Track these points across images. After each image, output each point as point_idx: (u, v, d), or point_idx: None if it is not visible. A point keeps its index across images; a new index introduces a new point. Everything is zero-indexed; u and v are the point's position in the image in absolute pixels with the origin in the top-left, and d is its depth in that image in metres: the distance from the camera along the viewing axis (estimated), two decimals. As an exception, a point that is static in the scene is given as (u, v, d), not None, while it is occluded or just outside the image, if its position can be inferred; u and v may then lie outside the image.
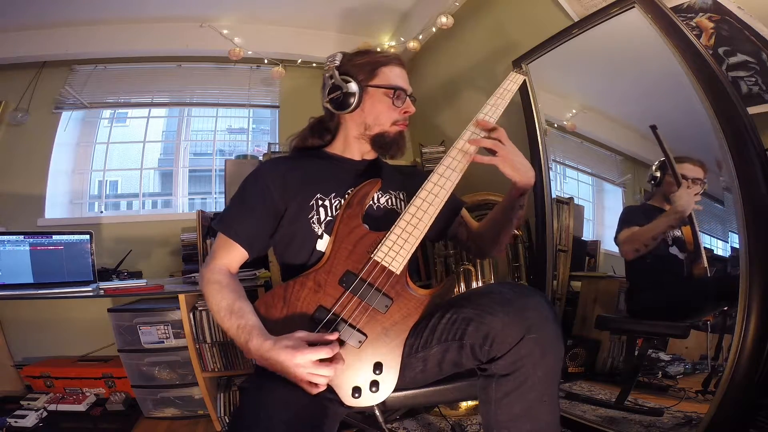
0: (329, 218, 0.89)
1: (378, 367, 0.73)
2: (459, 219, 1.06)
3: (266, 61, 2.62)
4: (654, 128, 1.21)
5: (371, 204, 0.94)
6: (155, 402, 1.72)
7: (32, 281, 1.70)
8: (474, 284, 1.70)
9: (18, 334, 2.08)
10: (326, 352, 0.68)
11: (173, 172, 2.78)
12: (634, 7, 1.22)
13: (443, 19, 2.08)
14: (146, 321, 1.68)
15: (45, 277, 1.73)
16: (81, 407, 1.71)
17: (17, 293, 1.59)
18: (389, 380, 0.73)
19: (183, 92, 2.70)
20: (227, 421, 1.62)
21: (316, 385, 0.69)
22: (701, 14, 1.16)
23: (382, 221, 0.86)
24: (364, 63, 0.95)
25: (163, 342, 1.68)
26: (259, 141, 2.93)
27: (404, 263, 0.78)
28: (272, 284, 1.75)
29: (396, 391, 0.75)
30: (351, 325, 0.75)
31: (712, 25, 1.14)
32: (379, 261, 0.78)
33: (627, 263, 1.33)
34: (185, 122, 2.80)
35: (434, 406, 1.55)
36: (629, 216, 1.35)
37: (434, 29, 2.23)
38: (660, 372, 1.21)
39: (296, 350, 0.68)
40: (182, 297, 1.56)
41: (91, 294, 1.62)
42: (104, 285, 1.70)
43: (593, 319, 1.40)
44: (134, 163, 2.72)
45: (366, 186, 0.88)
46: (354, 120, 0.97)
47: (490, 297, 0.73)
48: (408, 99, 0.97)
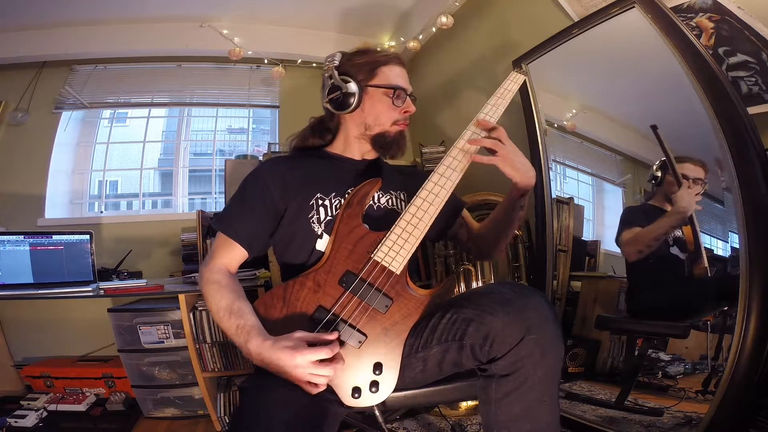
0: (329, 218, 0.89)
1: (378, 368, 0.73)
2: (460, 220, 1.06)
3: (266, 61, 2.62)
4: (655, 128, 1.21)
5: (371, 204, 0.94)
6: (155, 402, 1.72)
7: (32, 281, 1.70)
8: (474, 284, 1.70)
9: (18, 334, 2.08)
10: (326, 353, 0.68)
11: (173, 172, 2.77)
12: (634, 7, 1.22)
13: (443, 19, 2.08)
14: (146, 321, 1.68)
15: (45, 277, 1.72)
16: (81, 407, 1.71)
17: (17, 293, 1.59)
18: (389, 380, 0.73)
19: (183, 92, 2.70)
20: (227, 421, 1.62)
21: (316, 385, 0.68)
22: (701, 14, 1.16)
23: (383, 221, 0.85)
24: (364, 63, 0.95)
25: (163, 342, 1.68)
26: (259, 141, 2.93)
27: (404, 263, 0.78)
28: (272, 284, 1.74)
29: (396, 391, 0.75)
30: (351, 326, 0.75)
31: (712, 25, 1.14)
32: (379, 261, 0.78)
33: (628, 263, 1.32)
34: (185, 122, 2.80)
35: (434, 406, 1.55)
36: (630, 217, 1.34)
37: (434, 29, 2.23)
38: (660, 372, 1.21)
39: (295, 351, 0.68)
40: (182, 297, 1.56)
41: (91, 294, 1.62)
42: (104, 285, 1.70)
43: (593, 319, 1.40)
44: (134, 163, 2.72)
45: (366, 185, 0.87)
46: (354, 120, 0.97)
47: (491, 297, 0.73)
48: (408, 98, 0.96)
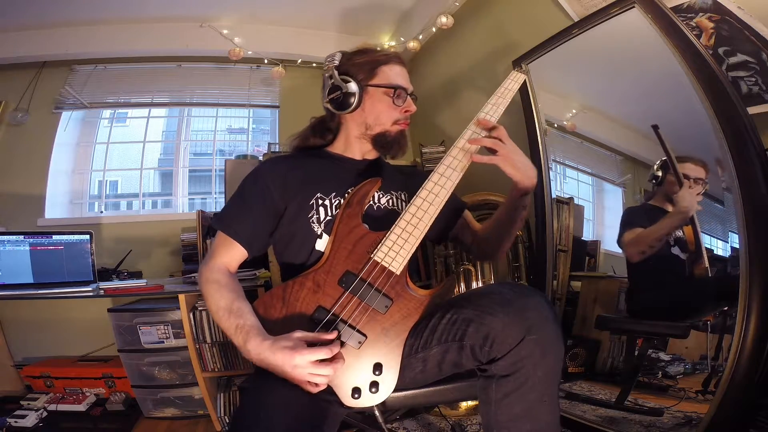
0: (329, 218, 0.89)
1: (378, 368, 0.73)
2: (462, 221, 1.05)
3: (266, 61, 2.62)
4: (656, 128, 1.21)
5: (371, 204, 0.94)
6: (155, 402, 1.72)
7: (32, 281, 1.70)
8: (474, 284, 1.70)
9: (18, 334, 2.08)
10: (325, 353, 0.68)
11: (173, 172, 2.77)
12: (634, 7, 1.22)
13: (443, 19, 2.08)
14: (146, 321, 1.68)
15: (45, 277, 1.72)
16: (81, 407, 1.71)
17: (17, 293, 1.59)
18: (389, 381, 0.73)
19: (183, 92, 2.70)
20: (227, 421, 1.62)
21: (316, 385, 0.68)
22: (701, 14, 1.16)
23: (383, 221, 0.85)
24: (364, 62, 0.94)
25: (163, 342, 1.68)
26: (259, 141, 2.93)
27: (404, 263, 0.78)
28: (272, 284, 1.74)
29: (396, 392, 0.75)
30: (351, 326, 0.75)
31: (712, 25, 1.14)
32: (379, 261, 0.78)
33: (629, 264, 1.32)
34: (185, 122, 2.80)
35: (434, 406, 1.55)
36: (632, 217, 1.33)
37: (434, 29, 2.23)
38: (660, 372, 1.21)
39: (294, 351, 0.67)
40: (182, 297, 1.56)
41: (91, 294, 1.62)
42: (104, 285, 1.70)
43: (593, 319, 1.40)
44: (134, 163, 2.72)
45: (366, 185, 0.87)
46: (355, 120, 0.97)
47: (491, 297, 0.73)
48: (409, 98, 0.96)
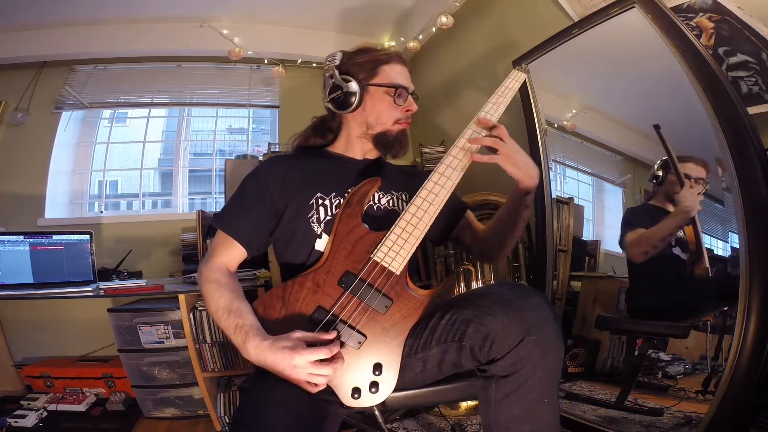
0: (329, 218, 0.89)
1: (378, 368, 0.73)
2: (464, 221, 1.04)
3: (266, 61, 2.62)
4: (657, 128, 1.20)
5: (372, 204, 0.93)
6: (155, 402, 1.72)
7: (32, 281, 1.70)
8: (474, 284, 1.70)
9: (18, 334, 2.08)
10: (324, 353, 0.68)
11: (173, 172, 2.77)
12: (634, 7, 1.22)
13: (443, 19, 2.08)
14: (146, 321, 1.68)
15: (45, 277, 1.72)
16: (81, 407, 1.71)
17: (17, 293, 1.59)
18: (389, 381, 0.73)
19: (183, 92, 2.70)
20: (227, 421, 1.62)
21: (316, 384, 0.68)
22: (701, 14, 1.16)
23: (383, 222, 0.85)
24: (365, 61, 0.94)
25: (163, 342, 1.68)
26: (259, 141, 2.93)
27: (404, 263, 0.78)
28: (272, 284, 1.74)
29: (396, 392, 0.74)
30: (350, 326, 0.75)
31: (712, 25, 1.14)
32: (379, 261, 0.78)
33: (630, 264, 1.31)
34: (185, 122, 2.80)
35: (434, 406, 1.55)
36: (633, 218, 1.33)
37: (434, 29, 2.23)
38: (660, 372, 1.20)
39: (294, 351, 0.67)
40: (182, 297, 1.56)
41: (91, 294, 1.62)
42: (104, 285, 1.70)
43: (593, 319, 1.40)
44: (134, 163, 2.72)
45: (366, 185, 0.87)
46: (356, 119, 0.97)
47: (490, 298, 0.73)
48: (410, 97, 0.96)
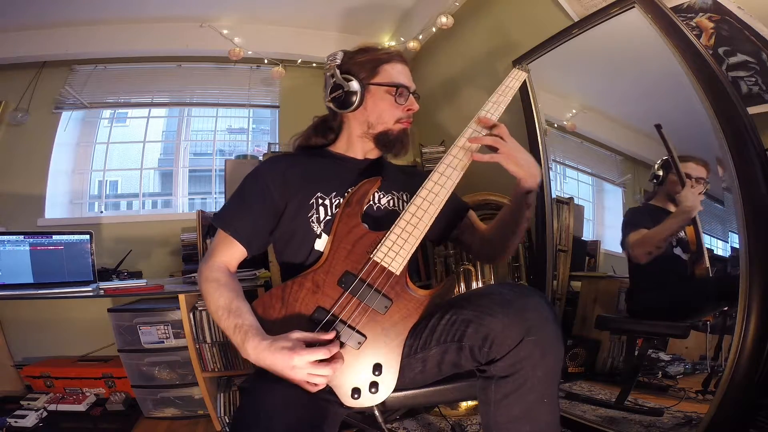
0: (328, 217, 0.89)
1: (377, 368, 0.73)
2: (467, 222, 1.03)
3: (266, 61, 2.62)
4: (659, 127, 1.20)
5: (372, 204, 0.93)
6: (155, 402, 1.72)
7: (32, 281, 1.70)
8: (474, 284, 1.70)
9: (18, 334, 2.08)
10: (323, 353, 0.68)
11: (173, 172, 2.77)
12: (634, 7, 1.22)
13: (443, 19, 2.08)
14: (146, 321, 1.68)
15: (45, 277, 1.72)
16: (81, 407, 1.71)
17: (17, 293, 1.59)
18: (388, 381, 0.73)
19: (183, 92, 2.70)
20: (227, 421, 1.62)
21: (315, 384, 0.68)
22: (701, 14, 1.16)
23: (383, 222, 0.85)
24: (366, 61, 0.94)
25: (163, 342, 1.68)
26: (259, 141, 2.93)
27: (404, 263, 0.78)
28: (272, 284, 1.74)
29: (396, 392, 0.74)
30: (350, 326, 0.75)
31: (712, 25, 1.14)
32: (379, 261, 0.78)
33: (631, 264, 1.31)
34: (185, 122, 2.80)
35: (434, 406, 1.55)
36: (636, 218, 1.32)
37: (434, 29, 2.23)
38: (660, 372, 1.20)
39: (293, 352, 0.67)
40: (182, 297, 1.56)
41: (91, 294, 1.62)
42: (104, 285, 1.69)
43: (593, 319, 1.40)
44: (134, 163, 2.72)
45: (365, 184, 0.87)
46: (357, 119, 0.96)
47: (490, 298, 0.72)
48: (411, 96, 0.96)
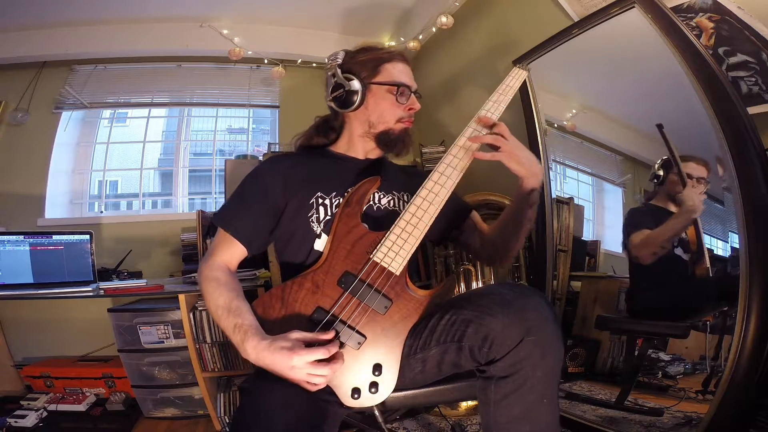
0: (328, 217, 0.89)
1: (377, 369, 0.73)
2: (470, 224, 1.02)
3: (266, 61, 2.62)
4: (660, 127, 1.20)
5: (372, 204, 0.93)
6: (155, 402, 1.72)
7: (32, 281, 1.70)
8: (474, 284, 1.70)
9: (18, 334, 2.08)
10: (323, 353, 0.68)
11: (173, 172, 2.77)
12: (634, 7, 1.22)
13: (443, 19, 2.08)
14: (146, 321, 1.68)
15: (45, 277, 1.72)
16: (81, 407, 1.71)
17: (17, 293, 1.59)
18: (388, 381, 0.73)
19: (183, 92, 2.70)
20: (227, 421, 1.62)
21: (315, 384, 0.68)
22: (701, 14, 1.16)
23: (383, 222, 0.84)
24: (367, 60, 0.94)
25: (163, 342, 1.68)
26: (259, 141, 2.93)
27: (404, 264, 0.78)
28: (272, 284, 1.74)
29: (396, 392, 0.74)
30: (350, 327, 0.74)
31: (712, 25, 1.14)
32: (379, 261, 0.77)
33: (631, 264, 1.31)
34: (185, 122, 2.80)
35: (434, 406, 1.55)
36: (637, 219, 1.32)
37: (434, 29, 2.23)
38: (660, 372, 1.21)
39: (292, 352, 0.67)
40: (182, 297, 1.56)
41: (91, 294, 1.62)
42: (104, 285, 1.69)
43: (593, 319, 1.40)
44: (134, 163, 2.72)
45: (365, 184, 0.87)
46: (358, 118, 0.96)
47: (490, 298, 0.72)
48: (413, 95, 0.96)
